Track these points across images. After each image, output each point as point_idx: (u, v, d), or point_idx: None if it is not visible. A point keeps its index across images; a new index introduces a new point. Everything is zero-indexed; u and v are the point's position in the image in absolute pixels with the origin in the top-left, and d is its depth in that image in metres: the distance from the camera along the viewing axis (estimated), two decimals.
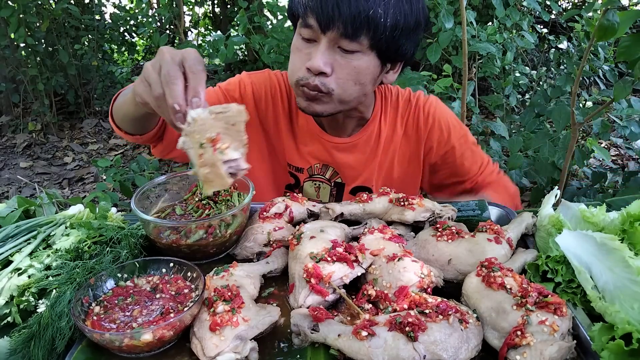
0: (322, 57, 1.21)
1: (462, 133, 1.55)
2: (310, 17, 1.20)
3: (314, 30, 1.21)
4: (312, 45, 1.25)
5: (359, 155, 1.51)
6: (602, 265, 0.87)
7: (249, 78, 1.53)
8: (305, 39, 1.26)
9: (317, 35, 1.22)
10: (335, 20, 1.17)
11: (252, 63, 5.48)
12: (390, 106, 1.54)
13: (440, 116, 1.52)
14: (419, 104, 1.54)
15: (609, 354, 0.73)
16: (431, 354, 0.74)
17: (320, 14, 1.18)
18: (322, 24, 1.18)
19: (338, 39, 1.20)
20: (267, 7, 3.25)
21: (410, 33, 1.25)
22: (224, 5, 6.51)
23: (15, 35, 4.37)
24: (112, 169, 3.03)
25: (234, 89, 1.51)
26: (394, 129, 1.53)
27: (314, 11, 1.19)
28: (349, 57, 1.23)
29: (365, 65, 1.25)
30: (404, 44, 1.27)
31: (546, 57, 4.82)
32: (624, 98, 2.28)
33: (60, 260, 0.95)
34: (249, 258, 1.06)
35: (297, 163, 1.55)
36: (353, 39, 1.19)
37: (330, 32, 1.19)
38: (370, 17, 1.17)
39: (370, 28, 1.18)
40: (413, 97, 1.56)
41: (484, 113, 4.93)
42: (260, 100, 1.52)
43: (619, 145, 3.67)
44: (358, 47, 1.21)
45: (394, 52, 1.27)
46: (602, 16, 1.65)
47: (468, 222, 1.14)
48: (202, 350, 0.78)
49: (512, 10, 2.86)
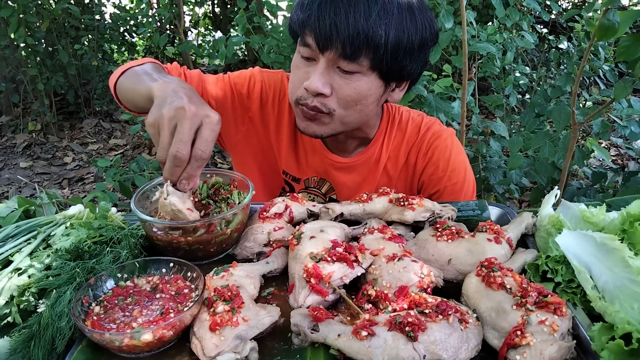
0: (320, 78, 1.17)
1: (460, 179, 1.44)
2: (309, 36, 1.15)
3: (313, 49, 1.16)
4: (311, 64, 1.20)
5: (355, 177, 1.48)
6: (602, 265, 0.87)
7: (260, 75, 1.49)
8: (304, 57, 1.21)
9: (316, 54, 1.17)
10: (333, 41, 1.12)
11: (252, 63, 5.48)
12: (397, 129, 1.47)
13: (442, 153, 1.43)
14: (427, 135, 1.45)
15: (608, 353, 0.73)
16: (431, 354, 0.74)
17: (318, 33, 1.13)
18: (320, 43, 1.14)
19: (337, 59, 1.15)
20: (267, 7, 3.25)
21: (415, 52, 1.19)
22: (224, 5, 6.52)
23: (15, 35, 4.38)
24: (112, 169, 3.04)
25: (243, 83, 1.48)
26: (397, 154, 1.47)
27: (312, 30, 1.14)
28: (348, 78, 1.18)
29: (366, 86, 1.20)
30: (408, 64, 1.21)
31: (546, 57, 4.82)
32: (624, 98, 2.28)
33: (60, 260, 0.95)
34: (249, 258, 1.06)
35: (294, 172, 1.53)
36: (352, 60, 1.14)
37: (329, 52, 1.14)
38: (370, 38, 1.11)
39: (370, 49, 1.13)
40: (424, 125, 1.47)
41: (484, 113, 4.93)
42: (266, 101, 1.48)
43: (619, 145, 3.67)
44: (357, 68, 1.16)
45: (398, 72, 1.21)
46: (602, 16, 1.65)
47: (468, 222, 1.14)
48: (202, 350, 0.78)
49: (512, 10, 2.86)
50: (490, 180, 2.76)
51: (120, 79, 1.32)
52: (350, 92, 1.20)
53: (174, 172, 0.94)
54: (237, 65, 5.93)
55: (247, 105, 1.49)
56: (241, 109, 1.49)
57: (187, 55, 5.28)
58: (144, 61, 1.36)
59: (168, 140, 0.92)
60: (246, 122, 1.51)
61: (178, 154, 0.91)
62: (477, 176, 2.80)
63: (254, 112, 1.49)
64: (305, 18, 1.16)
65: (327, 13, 1.11)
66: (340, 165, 1.47)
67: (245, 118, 1.50)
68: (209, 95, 1.46)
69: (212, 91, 1.47)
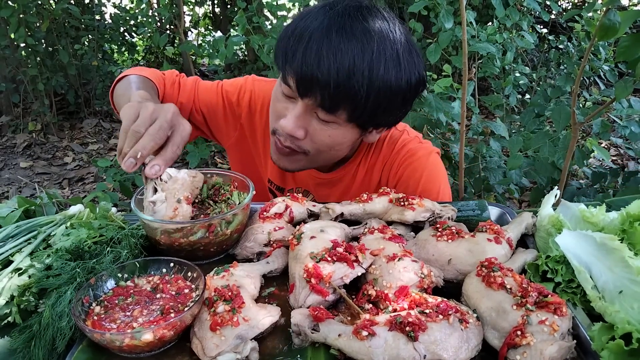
0: (295, 121, 1.15)
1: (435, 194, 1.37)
2: (290, 77, 1.12)
3: (293, 90, 1.13)
4: (290, 102, 1.18)
5: (335, 191, 1.48)
6: (601, 265, 0.87)
7: (252, 85, 1.50)
8: (284, 94, 1.18)
9: (296, 96, 1.14)
10: (313, 90, 1.09)
11: (252, 63, 5.48)
12: (375, 147, 1.44)
13: (412, 173, 1.37)
14: (401, 152, 1.40)
15: (609, 353, 0.73)
16: (431, 354, 0.74)
17: (300, 79, 1.09)
18: (300, 89, 1.11)
19: (315, 107, 1.13)
20: (267, 7, 3.25)
21: (397, 105, 1.16)
22: (224, 5, 6.52)
23: (15, 35, 4.38)
24: (112, 169, 3.04)
25: (234, 92, 1.50)
26: (372, 173, 1.45)
27: (294, 73, 1.10)
28: (324, 125, 1.16)
29: (341, 135, 1.19)
30: (387, 116, 1.19)
31: (546, 57, 4.82)
32: (624, 98, 2.28)
33: (60, 260, 0.95)
34: (249, 258, 1.06)
35: (279, 182, 1.54)
36: (330, 112, 1.12)
37: (307, 99, 1.12)
38: (350, 94, 1.07)
39: (350, 104, 1.10)
40: (401, 142, 1.41)
41: (484, 113, 4.93)
42: (254, 111, 1.49)
43: (619, 145, 3.67)
44: (334, 119, 1.14)
45: (375, 122, 1.20)
46: (603, 16, 1.65)
47: (468, 222, 1.14)
48: (202, 350, 0.78)
49: (512, 10, 2.86)
50: (490, 180, 2.76)
51: (117, 86, 1.36)
52: (324, 139, 1.19)
53: (148, 143, 0.96)
54: (237, 65, 5.93)
55: (238, 113, 1.51)
56: (232, 115, 1.52)
57: (187, 55, 5.27)
58: (143, 71, 1.39)
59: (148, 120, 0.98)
60: (238, 128, 1.53)
61: (159, 128, 0.97)
62: (477, 176, 2.81)
63: (243, 120, 1.52)
64: (288, 58, 1.11)
65: (311, 60, 1.06)
66: (320, 181, 1.48)
67: (237, 124, 1.53)
68: (200, 102, 1.50)
69: (205, 97, 1.50)
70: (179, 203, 1.01)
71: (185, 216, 1.01)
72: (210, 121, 1.54)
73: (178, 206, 1.01)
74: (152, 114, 0.99)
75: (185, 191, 1.03)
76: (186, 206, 1.02)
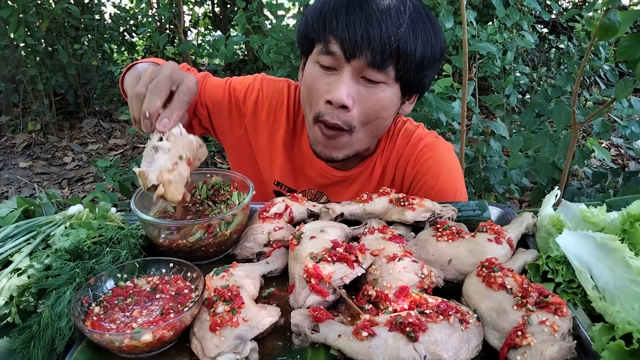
0: (344, 88, 1.12)
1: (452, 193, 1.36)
2: (334, 43, 1.11)
3: (337, 57, 1.12)
4: (332, 74, 1.15)
5: (352, 190, 1.46)
6: (602, 265, 0.87)
7: (260, 83, 1.48)
8: (324, 67, 1.16)
9: (340, 63, 1.13)
10: (364, 48, 1.08)
11: (252, 63, 5.49)
12: (390, 140, 1.42)
13: (430, 170, 1.36)
14: (417, 147, 1.38)
15: (609, 354, 0.73)
16: (432, 354, 0.74)
17: (347, 40, 1.08)
18: (348, 51, 1.09)
19: (364, 68, 1.11)
20: (266, 6, 3.25)
21: (435, 64, 1.20)
22: (224, 5, 6.52)
23: (15, 35, 4.38)
24: (111, 169, 3.04)
25: (241, 89, 1.47)
26: (387, 167, 1.43)
27: (338, 37, 1.10)
28: (373, 88, 1.15)
29: (389, 97, 1.17)
30: (427, 75, 1.21)
31: (546, 57, 4.83)
32: (625, 98, 2.28)
33: (59, 261, 0.95)
34: (249, 258, 1.06)
35: (290, 184, 1.51)
36: (381, 69, 1.11)
37: (356, 60, 1.10)
38: (400, 47, 1.09)
39: (400, 58, 1.11)
40: (416, 136, 1.40)
41: (484, 113, 4.93)
42: (260, 110, 1.46)
43: (620, 145, 3.67)
44: (384, 78, 1.13)
45: (418, 83, 1.20)
46: (603, 16, 1.65)
47: (468, 222, 1.14)
48: (202, 351, 0.78)
49: (512, 10, 2.86)
50: (490, 180, 2.76)
51: (127, 74, 1.34)
52: (372, 104, 1.17)
53: (153, 99, 0.95)
54: (237, 65, 5.93)
55: (243, 112, 1.49)
56: (237, 114, 1.49)
57: (187, 55, 5.27)
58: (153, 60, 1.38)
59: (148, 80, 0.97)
60: (242, 127, 1.50)
61: (158, 83, 0.96)
62: (477, 176, 2.81)
63: (247, 120, 1.49)
64: (330, 25, 1.11)
65: (359, 20, 1.08)
66: (337, 179, 1.45)
67: (241, 123, 1.50)
68: (206, 97, 1.48)
69: (211, 93, 1.48)
70: (180, 160, 0.97)
71: (182, 177, 0.97)
72: (214, 117, 1.51)
73: (179, 162, 0.97)
74: (151, 75, 0.99)
75: (189, 153, 0.99)
76: (185, 167, 0.98)
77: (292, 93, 1.46)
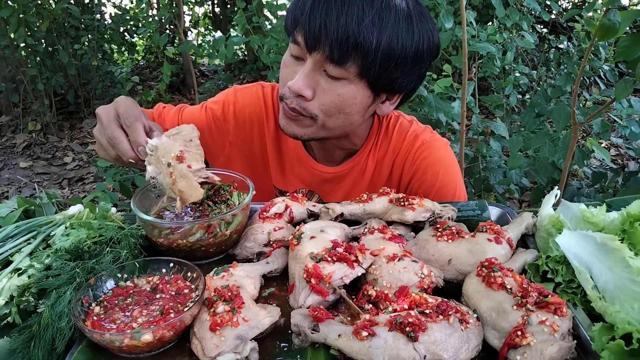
0: (303, 79, 1.13)
1: (448, 198, 1.35)
2: (299, 33, 1.12)
3: (301, 48, 1.13)
4: (299, 63, 1.17)
5: (343, 187, 1.44)
6: (602, 265, 0.87)
7: (234, 96, 1.46)
8: (293, 56, 1.18)
9: (304, 54, 1.13)
10: (322, 42, 1.07)
11: (252, 63, 5.48)
12: (384, 137, 1.40)
13: (430, 167, 1.35)
14: (415, 144, 1.37)
15: (609, 354, 0.73)
16: (431, 354, 0.74)
17: (307, 32, 1.09)
18: (308, 43, 1.10)
19: (324, 61, 1.11)
20: (266, 7, 3.24)
21: (408, 64, 1.13)
22: (224, 5, 6.52)
23: (15, 35, 4.37)
24: (112, 169, 3.03)
25: (217, 108, 1.46)
26: (382, 165, 1.41)
27: (302, 28, 1.11)
28: (333, 83, 1.14)
29: (351, 94, 1.15)
30: (399, 76, 1.15)
31: (546, 57, 4.83)
32: (625, 98, 2.28)
33: (60, 261, 0.95)
34: (249, 258, 1.06)
35: (282, 186, 1.50)
36: (339, 64, 1.09)
37: (316, 53, 1.10)
38: (359, 43, 1.05)
39: (359, 55, 1.07)
40: (411, 133, 1.38)
41: (484, 113, 4.93)
42: (243, 122, 1.45)
43: (619, 145, 3.67)
44: (344, 74, 1.11)
45: (388, 83, 1.16)
46: (603, 16, 1.65)
47: (468, 222, 1.14)
48: (202, 351, 0.78)
49: (512, 10, 2.86)
50: (490, 180, 2.76)
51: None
52: (333, 99, 1.15)
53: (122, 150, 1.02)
54: (237, 65, 5.93)
55: (225, 129, 1.47)
56: (219, 134, 1.47)
57: (187, 55, 5.27)
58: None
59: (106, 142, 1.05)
60: (227, 146, 1.49)
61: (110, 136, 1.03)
62: (477, 176, 2.81)
63: (232, 135, 1.47)
64: (297, 15, 1.12)
65: (319, 13, 1.07)
66: (328, 176, 1.43)
67: (225, 143, 1.48)
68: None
69: (188, 120, 1.45)
70: (170, 166, 0.98)
71: (185, 175, 0.99)
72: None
73: (172, 169, 0.99)
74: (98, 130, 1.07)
75: (172, 152, 0.99)
76: (180, 166, 0.99)
77: (268, 93, 1.46)
